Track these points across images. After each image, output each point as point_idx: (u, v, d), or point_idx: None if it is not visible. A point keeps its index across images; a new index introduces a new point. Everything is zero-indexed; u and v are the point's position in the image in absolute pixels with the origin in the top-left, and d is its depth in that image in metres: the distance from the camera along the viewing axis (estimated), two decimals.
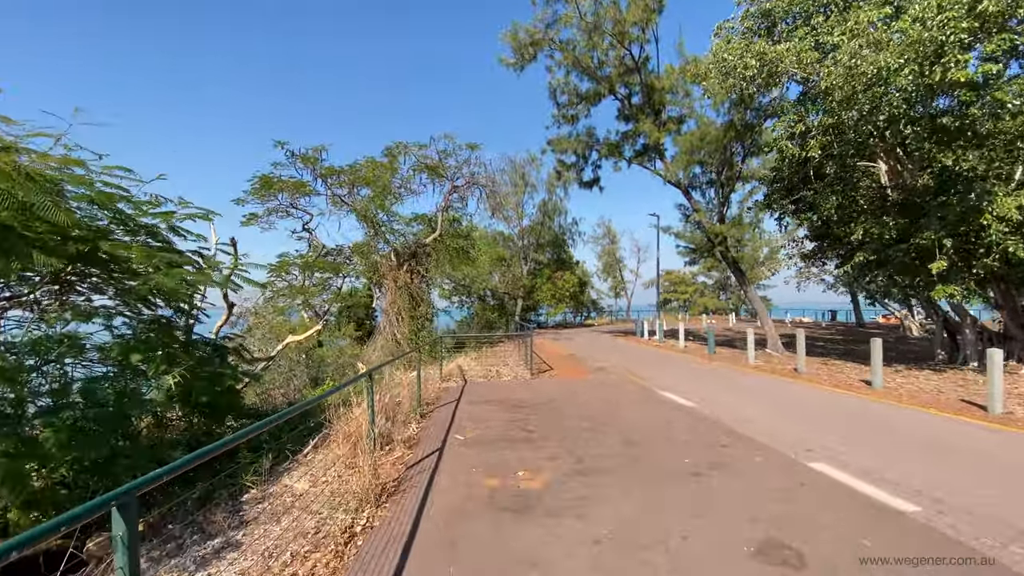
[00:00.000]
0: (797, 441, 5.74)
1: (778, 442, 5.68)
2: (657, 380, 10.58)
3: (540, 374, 11.75)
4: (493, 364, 13.50)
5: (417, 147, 18.27)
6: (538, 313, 37.64)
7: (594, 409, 7.64)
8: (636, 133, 18.16)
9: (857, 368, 12.30)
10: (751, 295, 15.00)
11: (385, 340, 18.37)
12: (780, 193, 13.18)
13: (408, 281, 18.45)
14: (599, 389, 9.57)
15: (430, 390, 10.14)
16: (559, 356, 15.94)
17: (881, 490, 4.16)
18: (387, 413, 7.02)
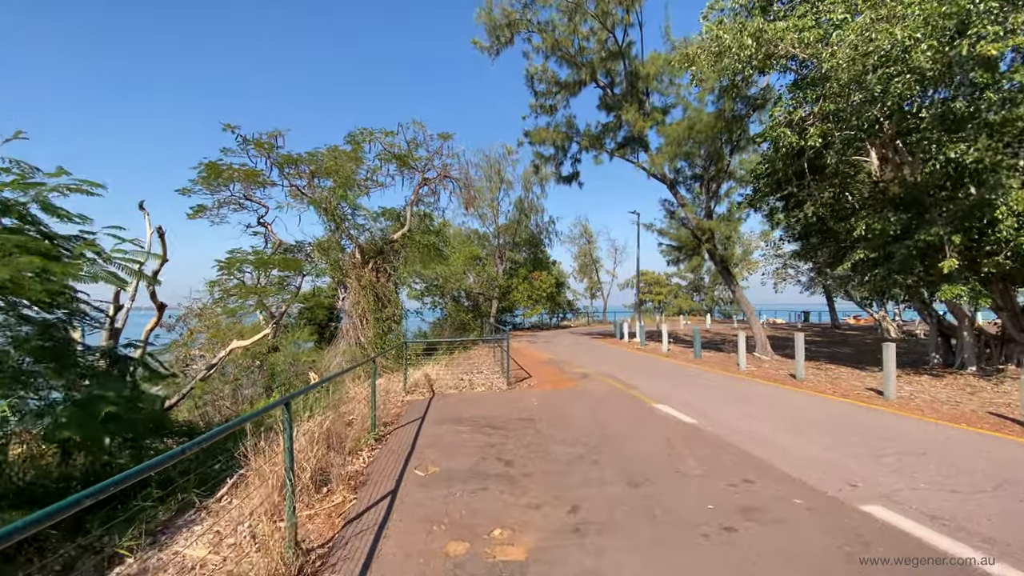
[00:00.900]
0: (833, 471, 4.69)
1: (811, 474, 4.63)
2: (647, 389, 9.52)
3: (518, 383, 10.54)
4: (466, 372, 12.21)
5: (384, 134, 16.84)
6: (514, 314, 36.49)
7: (582, 429, 6.47)
8: (618, 125, 17.19)
9: (854, 373, 11.56)
10: (739, 296, 14.21)
11: (348, 344, 16.85)
12: (772, 187, 12.36)
13: (373, 280, 16.97)
14: (585, 402, 8.41)
15: (391, 405, 8.79)
16: (537, 362, 14.77)
17: (960, 543, 3.11)
18: (331, 440, 5.67)
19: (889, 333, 23.12)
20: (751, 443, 5.68)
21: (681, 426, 6.61)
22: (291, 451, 3.44)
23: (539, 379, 11.20)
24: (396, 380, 11.32)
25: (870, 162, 11.84)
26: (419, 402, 8.86)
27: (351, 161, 17.34)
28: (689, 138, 12.96)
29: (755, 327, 13.90)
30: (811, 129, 10.16)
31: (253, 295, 17.91)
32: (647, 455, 5.27)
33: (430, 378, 10.21)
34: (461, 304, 31.87)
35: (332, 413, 6.47)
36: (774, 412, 7.41)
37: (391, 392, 9.73)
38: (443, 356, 17.97)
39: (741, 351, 12.22)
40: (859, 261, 10.59)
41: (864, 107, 9.63)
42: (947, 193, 10.21)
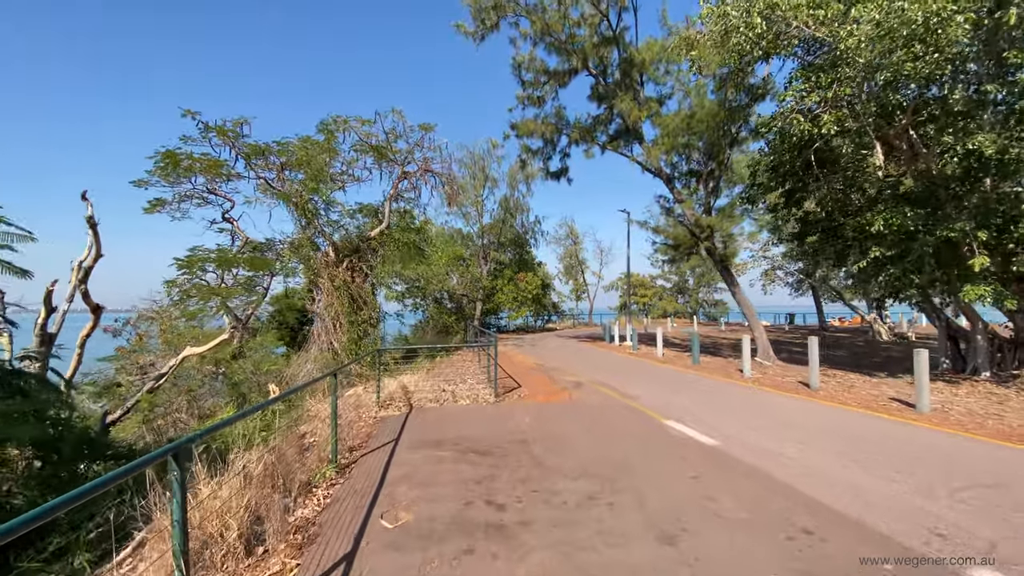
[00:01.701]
0: (905, 513, 3.75)
1: (881, 518, 3.67)
2: (650, 401, 8.54)
3: (506, 394, 9.46)
4: (448, 380, 11.08)
5: (360, 122, 15.61)
6: (499, 316, 35.40)
7: (587, 454, 5.43)
8: (610, 117, 16.30)
9: (865, 380, 10.80)
10: (740, 298, 13.40)
11: (320, 350, 15.54)
12: (778, 181, 11.56)
13: (348, 280, 15.71)
14: (584, 418, 7.38)
15: (362, 422, 7.63)
16: (526, 368, 13.72)
17: None
18: (276, 477, 4.51)
19: (880, 336, 22.73)
20: (790, 472, 4.71)
21: (701, 449, 5.61)
22: (183, 527, 2.29)
23: (529, 389, 10.14)
24: (371, 390, 10.14)
25: (875, 156, 11.15)
26: (394, 419, 7.72)
27: (324, 152, 16.07)
28: (688, 129, 12.10)
29: (757, 331, 13.11)
30: (825, 116, 9.35)
31: (216, 296, 16.50)
32: (673, 492, 4.25)
33: (407, 390, 9.06)
34: (444, 306, 30.65)
35: (281, 439, 5.32)
36: (800, 429, 6.49)
37: (362, 407, 8.55)
38: (424, 362, 16.79)
39: (746, 356, 11.36)
40: (874, 259, 9.81)
41: (885, 91, 8.86)
42: (968, 186, 9.52)
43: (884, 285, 10.47)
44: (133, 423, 11.91)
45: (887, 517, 3.71)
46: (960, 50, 7.37)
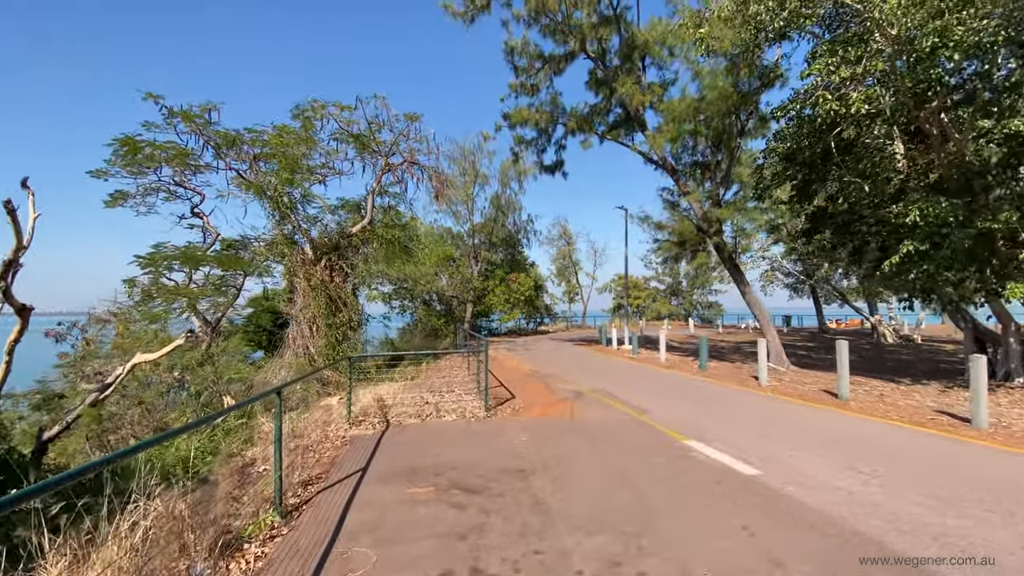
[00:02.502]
0: None
1: None
2: (663, 415, 7.46)
3: (498, 407, 8.33)
4: (433, 391, 9.93)
5: (339, 108, 14.41)
6: (490, 319, 34.22)
7: (600, 491, 4.32)
8: (607, 107, 15.29)
9: (892, 387, 9.83)
10: (750, 299, 12.41)
11: (295, 355, 14.29)
12: (794, 170, 10.58)
13: (326, 279, 14.47)
14: (591, 438, 6.28)
15: (327, 444, 6.45)
16: (519, 375, 12.59)
17: None
18: (192, 531, 3.34)
19: (885, 338, 21.96)
20: (872, 521, 3.63)
21: (742, 484, 4.53)
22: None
23: (524, 400, 9.01)
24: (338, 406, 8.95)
25: (893, 144, 10.24)
26: (366, 438, 6.55)
27: (301, 142, 14.83)
28: (697, 114, 11.10)
29: (769, 334, 12.13)
30: (854, 94, 8.38)
31: (182, 297, 15.18)
32: (724, 556, 3.15)
33: (384, 404, 7.87)
34: (433, 308, 29.43)
35: (220, 467, 4.14)
36: (850, 451, 5.43)
37: (331, 423, 7.37)
38: (410, 368, 15.60)
39: (762, 362, 10.33)
40: (907, 254, 8.85)
41: (924, 64, 7.90)
42: (1009, 174, 8.61)
43: (914, 284, 9.51)
44: (78, 439, 10.59)
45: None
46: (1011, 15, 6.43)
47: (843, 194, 10.61)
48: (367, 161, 16.71)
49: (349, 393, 7.52)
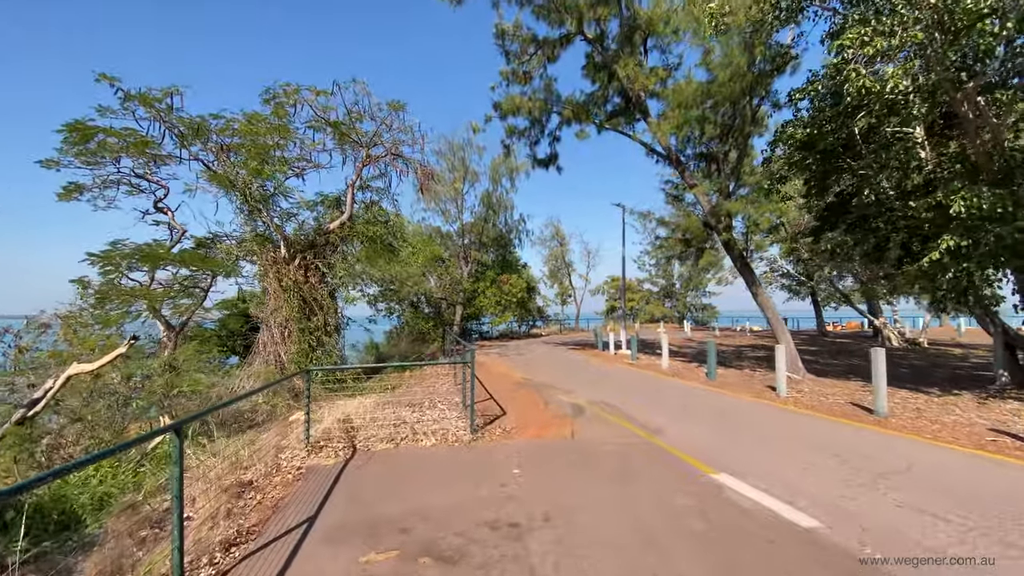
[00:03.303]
0: None
1: None
2: (679, 436, 6.39)
3: (486, 426, 7.20)
4: (413, 405, 8.77)
5: (314, 93, 13.21)
6: (480, 321, 33.05)
7: (616, 560, 3.21)
8: (605, 96, 14.26)
9: (924, 398, 8.85)
10: (762, 300, 11.41)
11: (265, 363, 13.05)
12: (814, 159, 9.60)
13: (300, 280, 13.25)
14: (598, 470, 5.17)
15: (278, 477, 5.28)
16: (511, 384, 11.47)
17: None
18: None
19: (891, 342, 21.15)
20: None
21: (801, 541, 3.44)
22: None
23: (516, 417, 7.88)
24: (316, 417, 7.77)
25: (913, 134, 9.32)
26: (325, 471, 5.38)
27: (273, 131, 13.59)
28: (707, 98, 10.09)
29: (783, 338, 11.13)
30: (889, 69, 7.40)
31: (140, 300, 13.86)
32: None
33: (351, 425, 6.69)
34: (421, 311, 28.19)
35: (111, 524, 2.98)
36: (928, 492, 4.38)
37: (287, 449, 6.18)
38: (393, 376, 14.40)
39: (780, 372, 9.29)
40: (947, 251, 7.87)
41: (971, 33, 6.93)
42: None
43: (951, 284, 8.55)
44: (7, 460, 9.27)
45: None
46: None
47: (868, 185, 9.64)
48: (347, 153, 15.53)
49: (307, 414, 6.32)
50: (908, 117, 8.15)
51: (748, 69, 9.46)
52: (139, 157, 14.41)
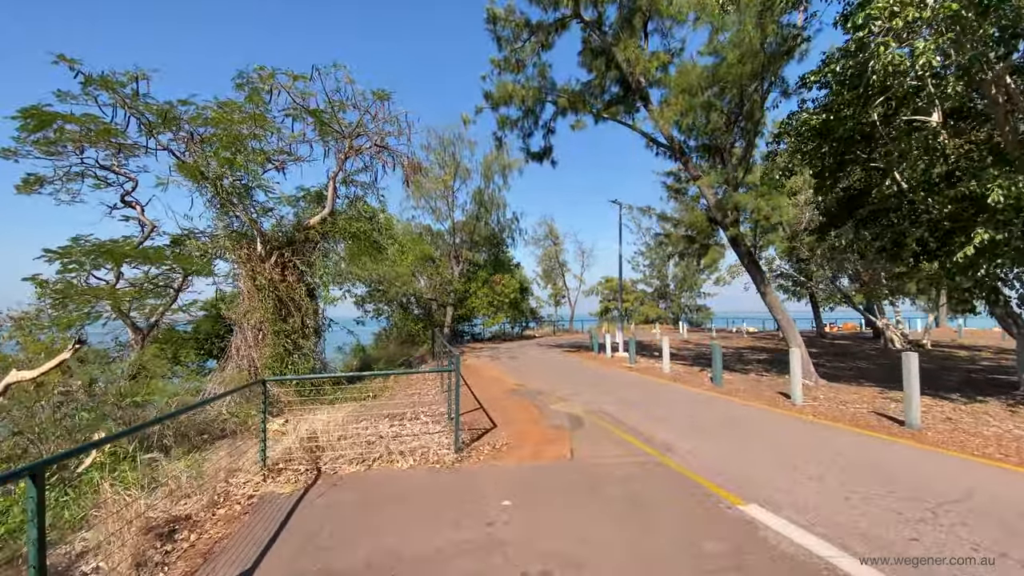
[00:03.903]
0: None
1: None
2: (694, 454, 5.60)
3: (474, 443, 6.36)
4: (393, 417, 7.91)
5: (291, 77, 12.30)
6: (472, 323, 32.17)
7: None
8: (602, 86, 13.49)
9: (951, 407, 8.13)
10: (770, 300, 10.67)
11: (238, 368, 12.11)
12: (830, 147, 8.87)
13: (276, 279, 12.33)
14: (605, 504, 4.36)
15: (225, 508, 4.41)
16: (502, 391, 10.64)
17: None
18: None
19: (893, 343, 20.57)
20: None
21: None
22: None
23: (507, 430, 7.05)
24: (285, 432, 6.91)
25: (929, 121, 8.63)
26: (279, 502, 4.52)
27: (249, 119, 12.65)
28: (714, 82, 9.33)
29: (795, 341, 10.40)
30: (920, 43, 6.69)
31: (102, 299, 12.89)
32: None
33: (317, 444, 5.81)
34: (410, 312, 27.29)
35: None
36: (1010, 528, 3.62)
37: (242, 471, 5.31)
38: (376, 382, 13.52)
39: (795, 377, 8.53)
40: (981, 245, 7.16)
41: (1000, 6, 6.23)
42: None
43: (983, 282, 7.85)
44: None
45: None
46: None
47: (889, 176, 8.94)
48: (329, 145, 14.62)
49: (263, 431, 5.43)
50: (934, 100, 7.44)
51: (760, 47, 8.71)
52: (104, 147, 13.46)
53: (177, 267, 14.11)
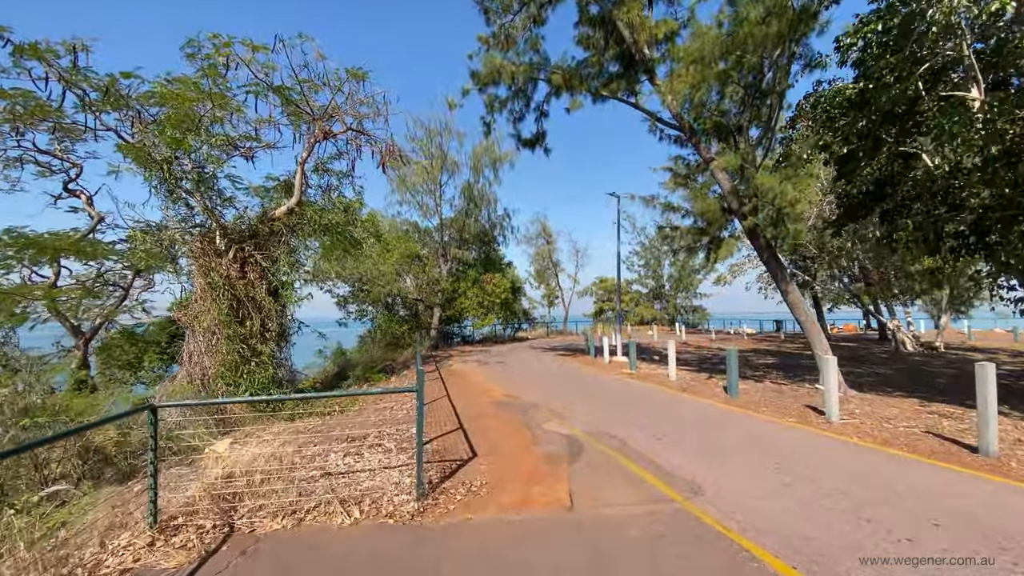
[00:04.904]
0: None
1: None
2: (731, 501, 4.30)
3: (444, 482, 5.01)
4: (349, 443, 6.54)
5: (251, 47, 10.86)
6: (462, 324, 30.75)
7: None
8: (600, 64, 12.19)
9: (1009, 424, 6.90)
10: (794, 300, 9.39)
11: (190, 379, 10.67)
12: (868, 121, 7.64)
13: (233, 275, 10.90)
14: None
15: None
16: (489, 404, 9.30)
17: None
18: None
19: (905, 345, 19.51)
20: None
21: None
22: None
23: (490, 461, 5.71)
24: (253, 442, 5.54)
25: (971, 97, 7.43)
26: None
27: (206, 97, 11.20)
28: (732, 49, 8.03)
29: (819, 347, 9.16)
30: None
31: (31, 299, 11.39)
32: None
33: (233, 492, 4.41)
34: (396, 313, 25.84)
35: None
36: None
37: (128, 527, 3.92)
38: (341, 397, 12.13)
39: (831, 391, 7.25)
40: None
41: None
42: None
43: None
44: None
45: None
46: None
47: (930, 157, 7.71)
48: (301, 130, 13.20)
49: (152, 480, 4.02)
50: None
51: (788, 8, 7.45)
52: (43, 129, 12.02)
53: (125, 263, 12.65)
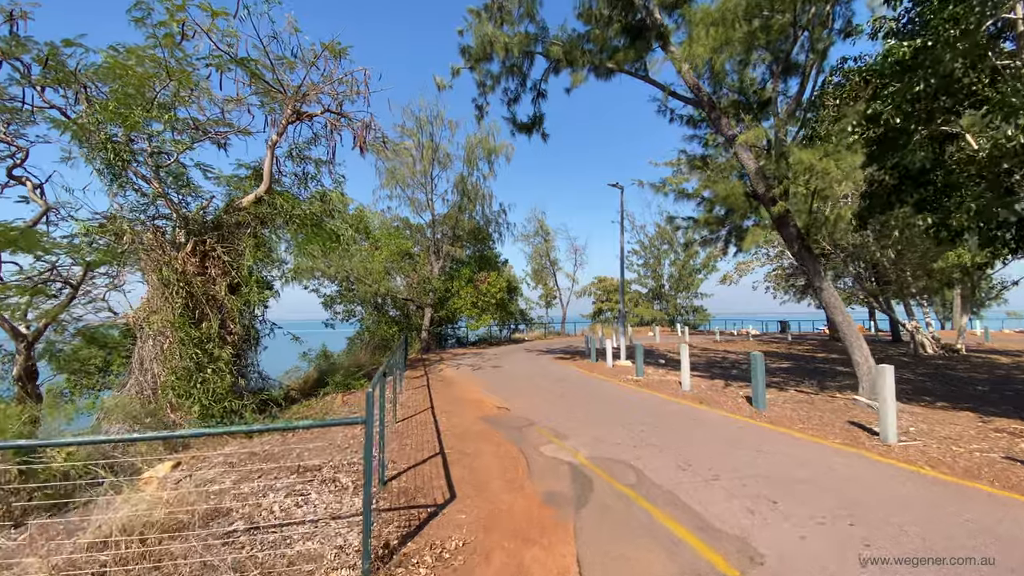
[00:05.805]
0: None
1: None
2: None
3: (406, 543, 3.75)
4: (296, 476, 5.28)
5: (210, 12, 9.55)
6: (456, 325, 29.45)
7: None
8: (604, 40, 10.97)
9: None
10: (829, 298, 8.18)
11: (140, 390, 9.37)
12: (926, 87, 6.43)
13: (191, 271, 9.62)
14: None
15: None
16: (478, 420, 8.04)
17: None
18: None
19: (924, 348, 18.36)
20: None
21: None
22: None
23: (472, 505, 4.46)
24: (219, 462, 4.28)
25: None
26: None
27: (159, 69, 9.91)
28: (762, 6, 6.78)
29: (858, 352, 7.96)
30: None
31: None
32: None
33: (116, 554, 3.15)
34: (385, 314, 24.54)
35: None
36: None
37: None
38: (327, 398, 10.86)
39: (887, 408, 6.01)
40: None
41: None
42: None
43: None
44: None
45: None
46: None
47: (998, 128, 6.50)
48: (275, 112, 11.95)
49: None
50: None
51: None
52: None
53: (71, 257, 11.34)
